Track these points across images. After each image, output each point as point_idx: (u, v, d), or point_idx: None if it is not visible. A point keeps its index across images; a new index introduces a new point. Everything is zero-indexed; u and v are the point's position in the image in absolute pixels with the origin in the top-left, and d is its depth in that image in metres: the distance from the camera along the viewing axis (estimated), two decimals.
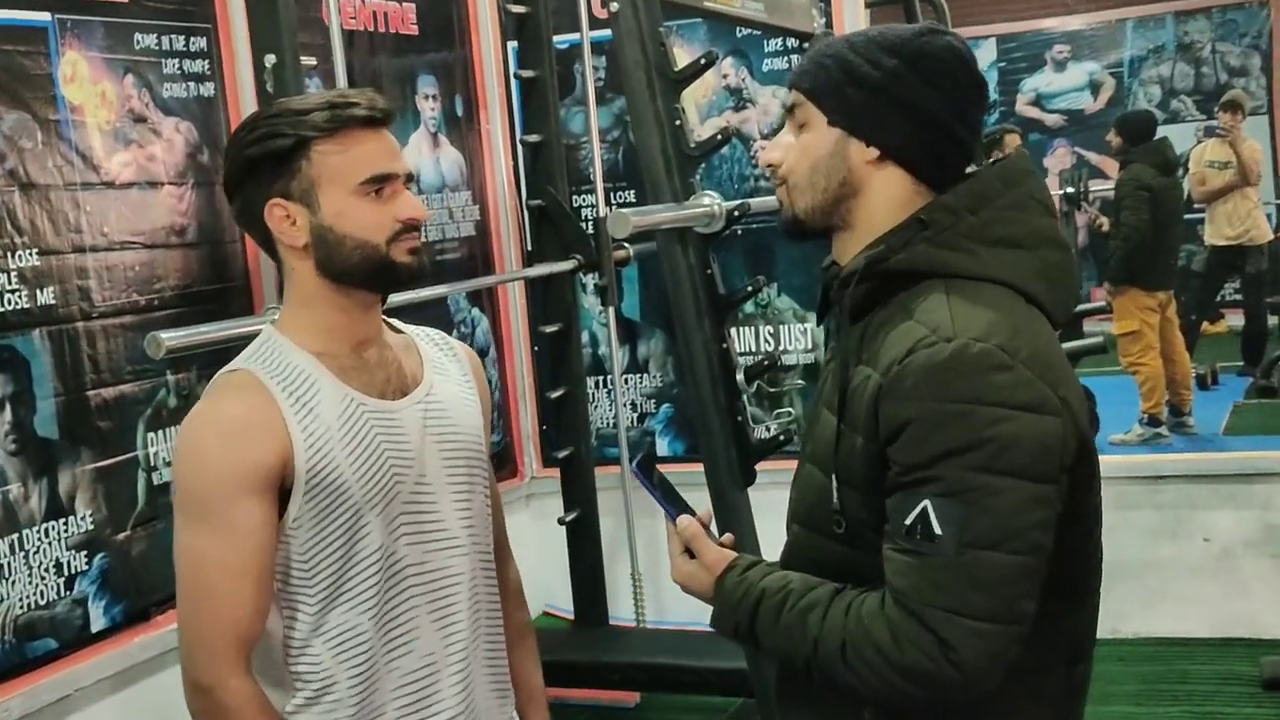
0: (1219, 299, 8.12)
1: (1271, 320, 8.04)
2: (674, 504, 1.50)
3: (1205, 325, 7.77)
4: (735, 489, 2.50)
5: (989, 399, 1.26)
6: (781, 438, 2.70)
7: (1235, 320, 8.05)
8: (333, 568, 1.52)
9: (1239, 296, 8.23)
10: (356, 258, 1.51)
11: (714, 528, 1.52)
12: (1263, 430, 6.17)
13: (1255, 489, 3.83)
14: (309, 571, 1.52)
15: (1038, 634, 1.31)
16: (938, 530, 1.26)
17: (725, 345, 2.48)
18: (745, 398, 2.55)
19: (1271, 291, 8.22)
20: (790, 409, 4.06)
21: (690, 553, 1.47)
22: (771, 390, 3.91)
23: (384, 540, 1.53)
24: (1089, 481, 1.37)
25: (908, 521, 1.27)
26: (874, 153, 1.39)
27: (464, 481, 1.63)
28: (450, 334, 4.07)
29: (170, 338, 2.18)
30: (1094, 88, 9.31)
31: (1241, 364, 7.42)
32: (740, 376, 2.50)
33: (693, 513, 1.50)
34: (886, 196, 1.40)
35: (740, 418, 2.49)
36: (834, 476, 1.36)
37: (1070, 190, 7.65)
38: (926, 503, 1.26)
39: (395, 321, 1.71)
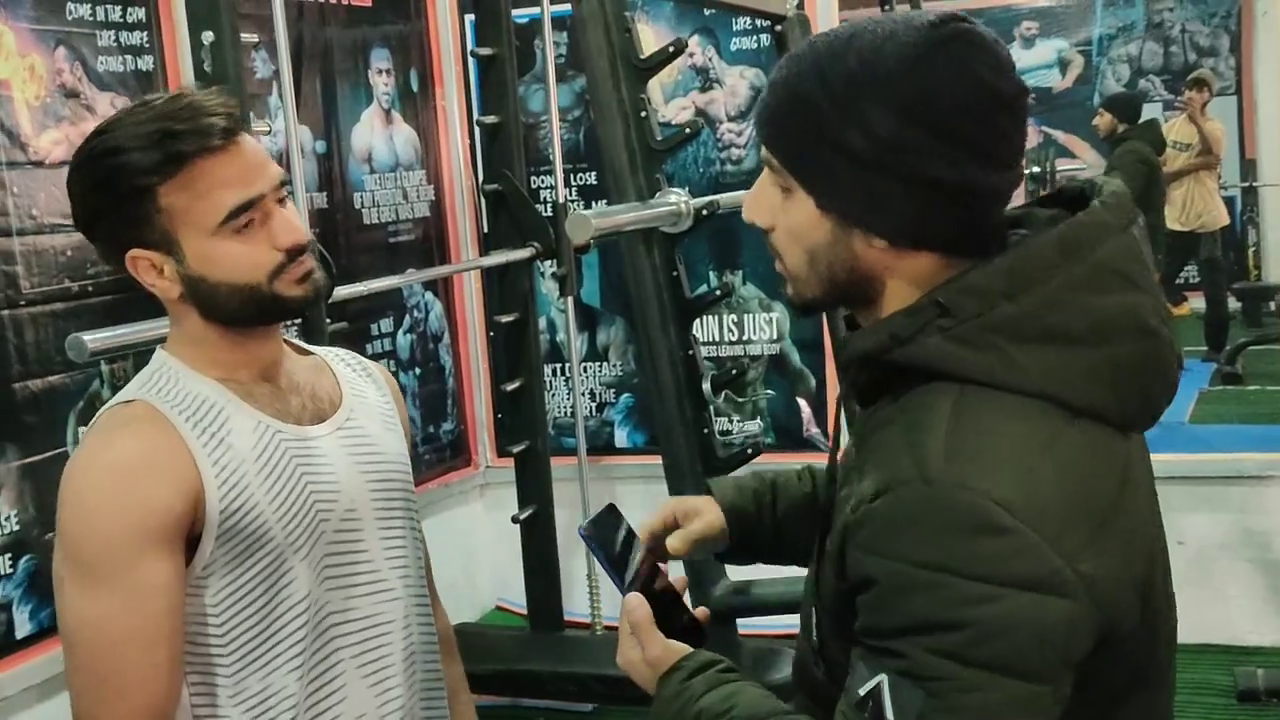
0: (1182, 281, 8.10)
1: (1234, 305, 8.04)
2: (630, 571, 1.26)
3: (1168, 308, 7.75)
4: None
5: (970, 570, 0.96)
6: (749, 451, 2.58)
7: (1198, 303, 8.03)
8: (253, 624, 1.33)
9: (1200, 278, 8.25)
10: (237, 302, 1.31)
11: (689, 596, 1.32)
12: (1230, 419, 6.12)
13: (1232, 491, 3.75)
14: (224, 630, 1.33)
15: None
16: (888, 715, 0.99)
17: (691, 352, 2.35)
18: (711, 409, 2.42)
19: (1231, 277, 8.22)
20: (758, 420, 3.95)
21: None
22: (739, 400, 3.80)
23: (311, 587, 1.35)
24: (1150, 666, 1.08)
25: (861, 691, 1.01)
26: (881, 243, 1.07)
27: (397, 516, 1.47)
28: (403, 319, 3.93)
29: (94, 339, 2.02)
30: (1062, 66, 9.22)
31: (1205, 349, 7.39)
32: (706, 386, 2.37)
33: (655, 569, 1.26)
34: (913, 275, 1.08)
35: (706, 430, 2.37)
36: (814, 606, 1.12)
37: (1037, 170, 7.58)
38: (883, 678, 0.99)
39: (300, 342, 1.53)
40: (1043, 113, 9.17)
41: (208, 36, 2.33)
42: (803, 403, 3.92)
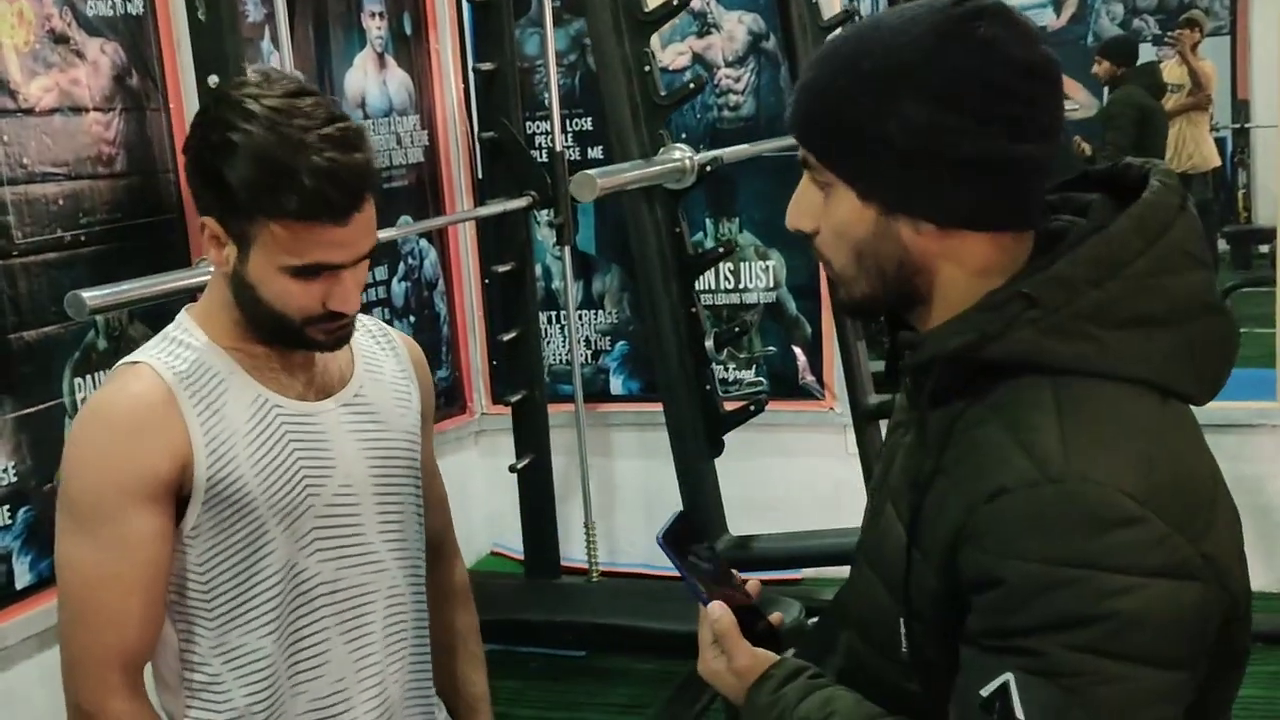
0: None
1: (1223, 247, 8.04)
2: (706, 579, 1.24)
3: None
4: (702, 461, 2.37)
5: (1109, 563, 0.96)
6: (752, 408, 2.58)
7: None
8: (232, 585, 1.40)
9: None
10: (268, 320, 1.37)
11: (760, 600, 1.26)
12: None
13: (1226, 440, 3.70)
14: (206, 587, 1.40)
15: None
16: (1019, 715, 0.98)
17: (694, 310, 2.34)
18: (713, 365, 2.42)
19: (1221, 219, 8.20)
20: (761, 380, 3.95)
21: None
22: (740, 356, 3.80)
23: (290, 557, 1.41)
24: (1240, 642, 1.09)
25: (984, 693, 1.00)
26: (929, 227, 1.07)
27: (394, 491, 1.50)
28: (397, 266, 3.91)
29: (93, 296, 2.01)
30: (1056, 4, 9.13)
31: None
32: (709, 344, 2.36)
33: (729, 577, 1.25)
34: (963, 263, 1.08)
35: (709, 386, 2.37)
36: (902, 617, 1.09)
37: None
38: (1010, 676, 0.98)
39: None
40: None
41: None
42: (798, 351, 3.92)
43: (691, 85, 2.35)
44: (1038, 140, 1.05)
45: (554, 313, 4.07)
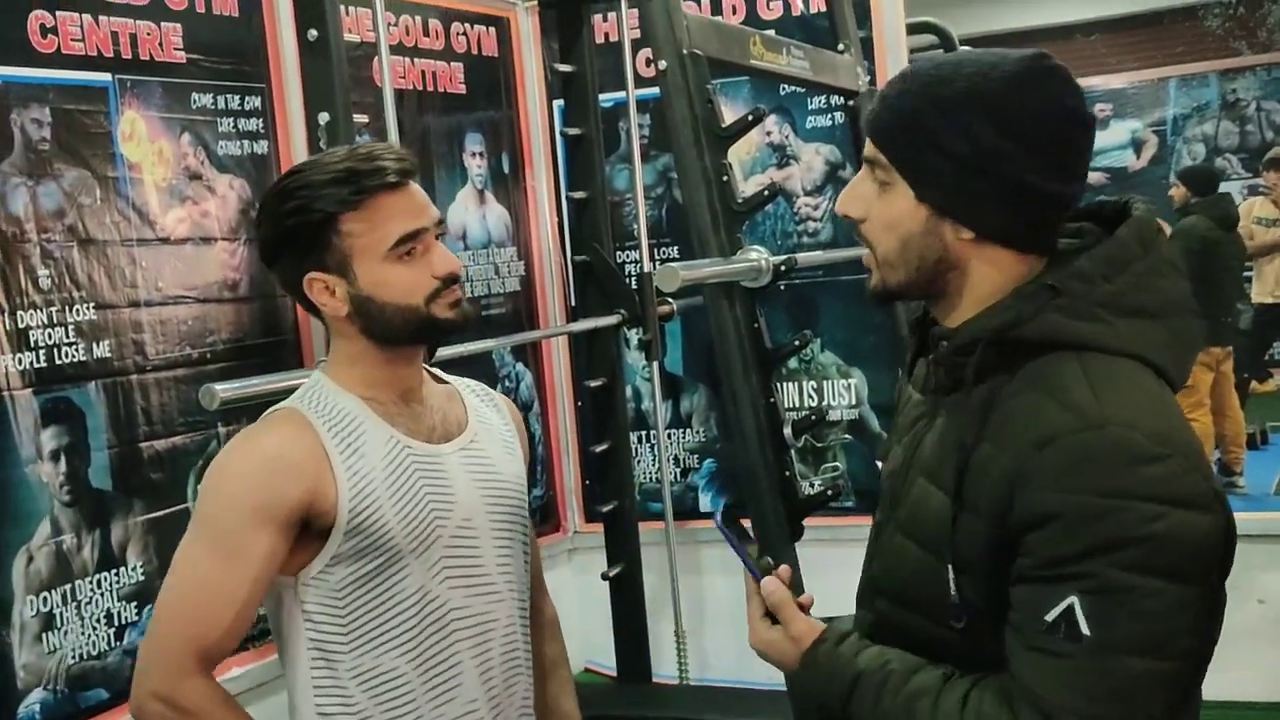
0: (1268, 357, 8.04)
1: None
2: (755, 561, 1.40)
3: (1254, 384, 7.68)
4: (783, 544, 2.49)
5: (1143, 493, 1.15)
6: (829, 493, 2.69)
7: None
8: (370, 607, 1.53)
9: None
10: (399, 321, 1.54)
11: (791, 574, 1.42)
12: None
13: None
14: (345, 611, 1.53)
15: None
16: (1085, 630, 1.15)
17: (772, 399, 2.48)
18: (792, 453, 2.54)
19: None
20: (837, 463, 4.04)
21: (773, 617, 1.36)
22: (817, 445, 3.90)
23: (423, 582, 1.55)
24: (1227, 573, 1.27)
25: (1049, 618, 1.17)
26: (969, 234, 1.27)
27: (506, 528, 1.65)
28: (495, 387, 4.10)
29: (224, 389, 2.22)
30: (1136, 146, 9.29)
31: None
32: (788, 431, 2.50)
33: (768, 566, 1.40)
34: (989, 270, 1.29)
35: (788, 472, 2.49)
36: (950, 565, 1.25)
37: None
38: (1074, 599, 1.16)
39: (437, 371, 1.74)
40: (1117, 192, 9.19)
41: (324, 117, 2.54)
42: (881, 465, 3.99)
43: (766, 193, 2.53)
44: (1070, 182, 1.27)
45: (644, 432, 4.20)
